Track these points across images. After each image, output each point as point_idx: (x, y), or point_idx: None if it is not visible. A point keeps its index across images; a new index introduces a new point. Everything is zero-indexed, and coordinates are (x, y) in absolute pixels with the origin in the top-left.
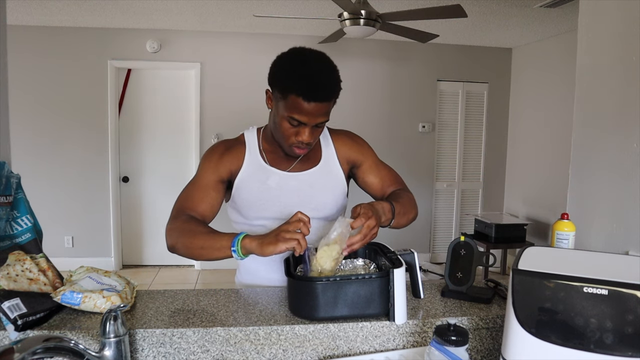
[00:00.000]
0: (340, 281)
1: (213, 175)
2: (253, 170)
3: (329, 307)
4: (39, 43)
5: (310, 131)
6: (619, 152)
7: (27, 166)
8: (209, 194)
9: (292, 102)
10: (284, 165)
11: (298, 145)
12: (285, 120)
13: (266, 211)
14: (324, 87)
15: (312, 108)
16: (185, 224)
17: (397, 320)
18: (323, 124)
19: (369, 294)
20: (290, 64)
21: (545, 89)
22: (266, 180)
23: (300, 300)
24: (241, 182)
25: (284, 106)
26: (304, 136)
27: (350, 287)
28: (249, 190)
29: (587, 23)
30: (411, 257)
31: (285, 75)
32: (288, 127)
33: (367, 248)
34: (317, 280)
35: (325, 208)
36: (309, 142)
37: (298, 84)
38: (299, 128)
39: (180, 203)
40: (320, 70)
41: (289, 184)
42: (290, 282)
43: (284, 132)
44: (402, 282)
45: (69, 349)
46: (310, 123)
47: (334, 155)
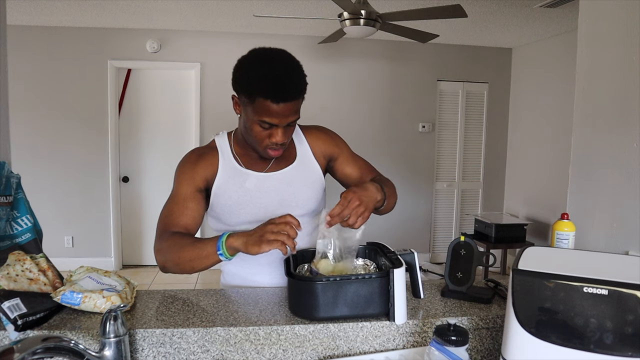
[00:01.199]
0: (340, 281)
1: (189, 187)
2: (229, 175)
3: (329, 307)
4: (39, 43)
5: (282, 131)
6: (619, 152)
7: (27, 166)
8: (188, 207)
9: (261, 106)
10: (260, 167)
11: (272, 147)
12: (256, 124)
13: (247, 215)
14: (291, 86)
15: (282, 109)
16: (169, 240)
17: (397, 320)
18: (294, 122)
19: (369, 293)
20: (253, 66)
21: (545, 89)
22: (243, 183)
23: (300, 300)
24: (218, 188)
25: (252, 110)
26: (277, 137)
27: (350, 287)
28: (228, 196)
29: (587, 23)
30: (411, 257)
31: (249, 79)
32: (260, 130)
33: (367, 248)
34: (317, 280)
35: (306, 204)
36: (283, 142)
37: (264, 87)
38: (270, 130)
39: (162, 221)
40: (285, 69)
41: (267, 184)
42: (290, 282)
43: (256, 136)
44: (402, 282)
45: (69, 349)
46: (281, 124)
47: (308, 150)
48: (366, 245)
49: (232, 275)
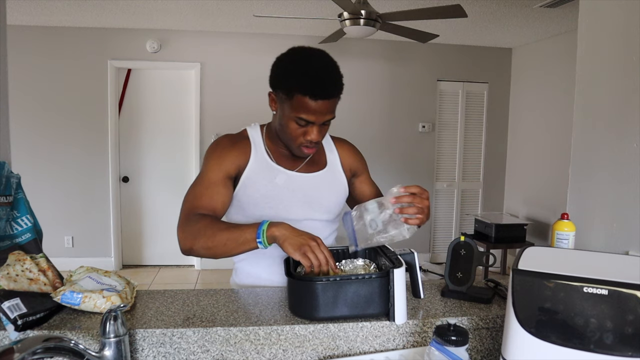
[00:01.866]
0: (340, 281)
1: (220, 172)
2: (260, 168)
3: (329, 307)
4: (39, 43)
5: (318, 129)
6: (619, 152)
7: (27, 166)
8: (217, 191)
9: (299, 102)
10: (291, 165)
11: (307, 144)
12: (293, 120)
13: (271, 209)
14: (329, 83)
15: (319, 106)
16: (199, 223)
17: (397, 320)
18: (330, 121)
19: (369, 293)
20: (292, 63)
21: (545, 89)
22: (274, 178)
23: (300, 300)
24: (247, 179)
25: (290, 107)
26: (312, 135)
27: (350, 287)
28: (256, 188)
29: (587, 23)
30: (411, 257)
31: (288, 75)
32: (295, 127)
33: (366, 248)
34: (317, 280)
35: (329, 211)
36: (318, 140)
37: (303, 83)
38: (306, 128)
39: (190, 203)
40: (323, 67)
41: (296, 184)
42: (290, 282)
43: (291, 132)
44: (402, 282)
45: (69, 349)
46: (318, 121)
47: (337, 160)
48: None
49: (247, 274)
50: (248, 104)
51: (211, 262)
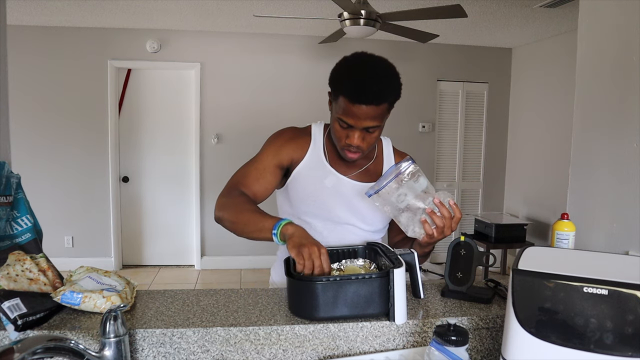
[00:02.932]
0: (340, 281)
1: (274, 159)
2: (313, 165)
3: (328, 307)
4: (39, 43)
5: (359, 135)
6: (619, 152)
7: (27, 166)
8: (265, 177)
9: (341, 104)
10: (344, 169)
11: (349, 148)
12: (337, 121)
13: (315, 208)
14: (372, 90)
15: (358, 111)
16: (236, 199)
17: (397, 320)
18: (375, 129)
19: (369, 293)
20: (346, 66)
21: (545, 89)
22: (324, 179)
23: (300, 300)
24: (298, 174)
25: (335, 107)
26: (352, 139)
27: (350, 287)
28: (305, 184)
29: (587, 23)
30: (411, 257)
31: (337, 77)
32: (339, 128)
33: (366, 248)
34: (317, 280)
35: (372, 224)
36: (358, 145)
37: (345, 86)
38: (348, 131)
39: (235, 179)
40: (373, 73)
41: (344, 189)
42: (289, 282)
43: (336, 133)
44: (402, 282)
45: (69, 349)
46: (357, 126)
47: None
48: (366, 246)
49: (278, 267)
50: (248, 104)
51: (211, 262)
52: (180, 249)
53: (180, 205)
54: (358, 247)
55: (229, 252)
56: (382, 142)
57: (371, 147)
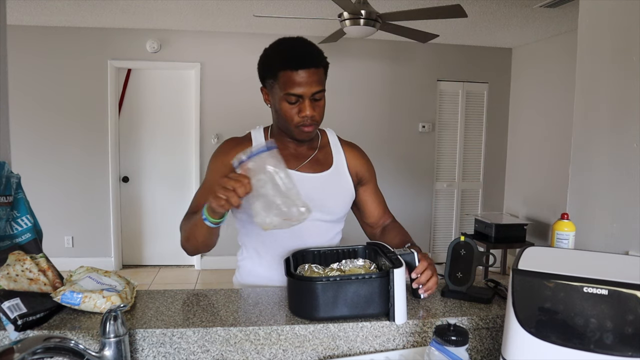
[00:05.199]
0: (340, 281)
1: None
2: None
3: (328, 307)
4: (39, 43)
5: (310, 103)
6: (619, 151)
7: (27, 166)
8: None
9: (284, 79)
10: (292, 164)
11: (303, 122)
12: (284, 101)
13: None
14: (308, 53)
15: (303, 77)
16: (183, 221)
17: (397, 320)
18: (320, 95)
19: (369, 293)
20: (272, 48)
21: (545, 89)
22: None
23: (300, 300)
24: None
25: (278, 88)
26: (306, 110)
27: (350, 287)
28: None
29: (587, 23)
30: (411, 257)
31: (269, 59)
32: (288, 107)
33: (366, 248)
34: (317, 280)
35: (332, 212)
36: (313, 115)
37: (283, 58)
38: (298, 105)
39: (189, 207)
40: (297, 43)
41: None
42: (290, 282)
43: (285, 114)
44: (402, 282)
45: (69, 349)
46: (306, 94)
47: (344, 163)
48: (366, 246)
49: (248, 272)
50: (248, 104)
51: (211, 262)
52: (180, 249)
53: (181, 205)
54: (358, 247)
55: (229, 252)
56: (327, 132)
57: (322, 117)
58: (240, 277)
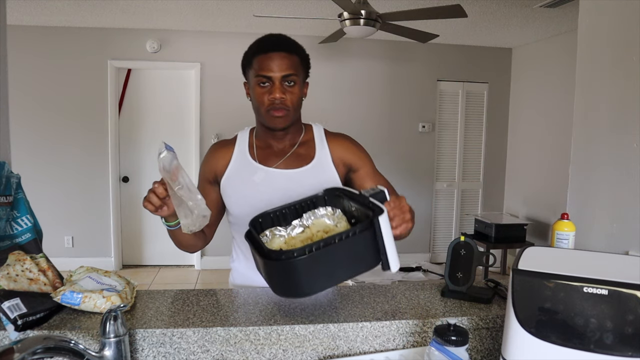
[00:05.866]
0: (322, 249)
1: (201, 181)
2: (239, 167)
3: (318, 281)
4: (39, 43)
5: (280, 87)
6: (619, 151)
7: (27, 166)
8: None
9: (257, 63)
10: (273, 160)
11: (273, 106)
12: (257, 85)
13: (251, 208)
14: (282, 39)
15: (274, 59)
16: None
17: (392, 268)
18: (292, 80)
19: (357, 252)
20: (251, 44)
21: (545, 89)
22: (251, 176)
23: (285, 282)
24: (226, 180)
25: (253, 74)
26: (275, 92)
27: (335, 253)
28: (235, 188)
29: (587, 23)
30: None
31: (248, 50)
32: (260, 90)
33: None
34: (297, 256)
35: None
36: (282, 97)
37: (257, 45)
38: (269, 87)
39: None
40: (276, 35)
41: (276, 180)
42: (266, 264)
43: (258, 98)
44: (388, 227)
45: (69, 349)
46: (276, 76)
47: (327, 155)
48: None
49: (238, 273)
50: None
51: (211, 262)
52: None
53: None
54: (316, 196)
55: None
56: (313, 127)
57: (295, 106)
58: (233, 279)
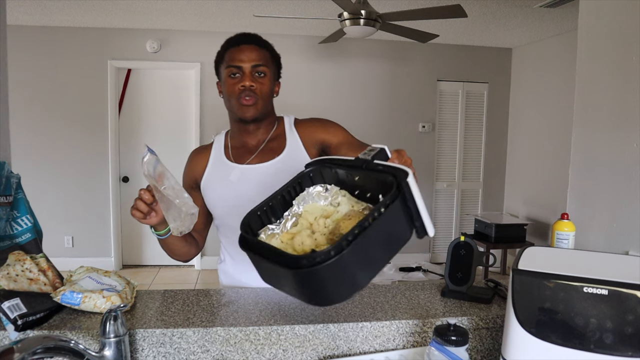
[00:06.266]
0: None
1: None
2: (216, 170)
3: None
4: (39, 43)
5: (249, 77)
6: (619, 151)
7: (27, 166)
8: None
9: (228, 56)
10: (247, 159)
11: (243, 94)
12: (227, 77)
13: (230, 207)
14: (252, 34)
15: (244, 50)
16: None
17: (429, 232)
18: (263, 68)
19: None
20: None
21: (545, 89)
22: (228, 176)
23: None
24: (205, 183)
25: (224, 68)
26: (245, 80)
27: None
28: (213, 190)
29: (587, 23)
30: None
31: (219, 50)
32: (230, 82)
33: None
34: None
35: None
36: (252, 85)
37: (228, 41)
38: (239, 77)
39: None
40: (247, 33)
41: (251, 176)
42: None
43: (228, 89)
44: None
45: (69, 349)
46: (246, 66)
47: (298, 142)
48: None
49: (226, 275)
50: None
51: (211, 262)
52: None
53: None
54: (300, 175)
55: None
56: (284, 119)
57: (265, 97)
58: (222, 281)
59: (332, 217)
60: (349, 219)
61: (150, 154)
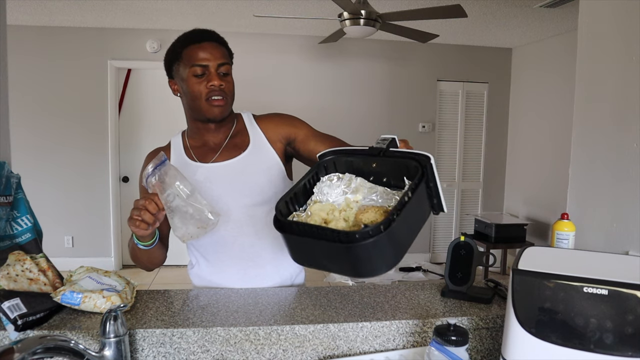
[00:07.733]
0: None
1: (143, 192)
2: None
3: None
4: (39, 43)
5: (216, 74)
6: (619, 151)
7: (27, 166)
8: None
9: (188, 54)
10: (211, 157)
11: (213, 95)
12: (191, 76)
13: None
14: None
15: (207, 48)
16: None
17: (445, 209)
18: (227, 67)
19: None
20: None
21: (545, 89)
22: (193, 176)
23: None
24: None
25: (183, 66)
26: (213, 79)
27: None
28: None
29: (587, 23)
30: (394, 143)
31: (173, 46)
32: (195, 81)
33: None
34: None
35: (261, 192)
36: (221, 84)
37: (185, 38)
38: (205, 77)
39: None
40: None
41: (217, 174)
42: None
43: (193, 89)
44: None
45: (69, 349)
46: (212, 65)
47: (261, 136)
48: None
49: (200, 278)
50: (248, 103)
51: None
52: (180, 249)
53: None
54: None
55: None
56: (242, 116)
57: (232, 95)
58: (196, 284)
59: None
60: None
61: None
